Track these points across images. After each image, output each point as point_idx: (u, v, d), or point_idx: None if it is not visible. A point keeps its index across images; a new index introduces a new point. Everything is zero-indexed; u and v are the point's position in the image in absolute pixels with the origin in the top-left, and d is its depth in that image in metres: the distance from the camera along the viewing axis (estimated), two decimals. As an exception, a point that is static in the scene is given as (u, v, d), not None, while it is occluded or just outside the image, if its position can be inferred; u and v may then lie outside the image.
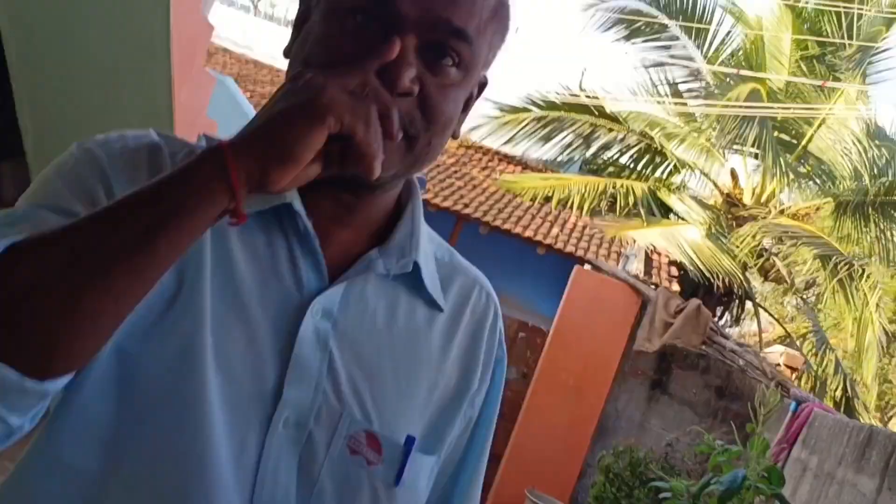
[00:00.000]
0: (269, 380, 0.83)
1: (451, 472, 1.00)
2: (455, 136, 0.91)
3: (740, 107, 10.82)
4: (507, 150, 13.01)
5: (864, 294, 10.76)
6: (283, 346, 0.84)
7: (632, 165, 12.30)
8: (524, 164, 13.65)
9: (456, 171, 12.89)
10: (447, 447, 0.97)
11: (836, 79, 11.52)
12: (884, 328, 11.22)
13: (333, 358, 0.86)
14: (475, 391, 0.98)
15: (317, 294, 0.86)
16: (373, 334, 0.90)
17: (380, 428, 0.88)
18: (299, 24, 0.90)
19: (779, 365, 8.02)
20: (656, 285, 9.12)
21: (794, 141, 11.89)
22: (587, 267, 8.89)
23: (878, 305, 10.96)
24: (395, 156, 0.83)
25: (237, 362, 0.83)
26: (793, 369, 8.31)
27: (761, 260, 11.63)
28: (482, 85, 0.93)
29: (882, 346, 11.51)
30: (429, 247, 0.97)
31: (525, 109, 12.08)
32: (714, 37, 12.47)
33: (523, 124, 11.95)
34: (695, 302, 7.41)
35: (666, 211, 11.63)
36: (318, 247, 0.87)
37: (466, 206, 11.34)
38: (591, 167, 12.45)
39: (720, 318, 11.24)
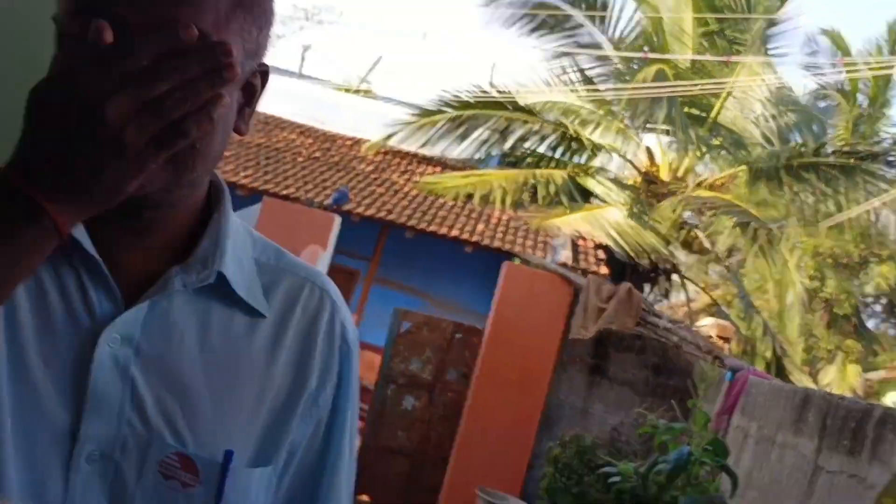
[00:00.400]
0: (66, 418, 0.81)
1: (309, 481, 0.97)
2: (240, 131, 0.86)
3: (649, 87, 11.03)
4: (426, 152, 13.02)
5: (784, 256, 11.10)
6: (79, 380, 0.82)
7: (550, 154, 12.44)
8: (443, 164, 13.64)
9: (376, 178, 12.83)
10: (293, 455, 0.94)
11: (738, 52, 11.84)
12: (804, 287, 11.60)
13: (137, 384, 0.84)
14: (314, 390, 0.94)
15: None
16: (183, 353, 0.87)
17: (196, 449, 0.86)
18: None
19: (711, 337, 8.20)
20: (585, 271, 9.23)
21: (704, 114, 12.18)
22: (517, 261, 8.94)
23: (798, 265, 11.33)
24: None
25: (30, 409, 0.80)
26: (725, 339, 8.50)
27: (683, 232, 11.89)
28: (264, 73, 0.88)
29: (804, 304, 11.87)
30: (247, 252, 0.94)
31: (439, 111, 12.10)
32: (617, 22, 12.69)
33: (438, 125, 11.97)
34: (625, 286, 7.52)
35: (587, 196, 11.79)
36: (107, 271, 0.84)
37: (390, 212, 11.31)
38: (510, 160, 12.55)
39: (649, 293, 11.45)
